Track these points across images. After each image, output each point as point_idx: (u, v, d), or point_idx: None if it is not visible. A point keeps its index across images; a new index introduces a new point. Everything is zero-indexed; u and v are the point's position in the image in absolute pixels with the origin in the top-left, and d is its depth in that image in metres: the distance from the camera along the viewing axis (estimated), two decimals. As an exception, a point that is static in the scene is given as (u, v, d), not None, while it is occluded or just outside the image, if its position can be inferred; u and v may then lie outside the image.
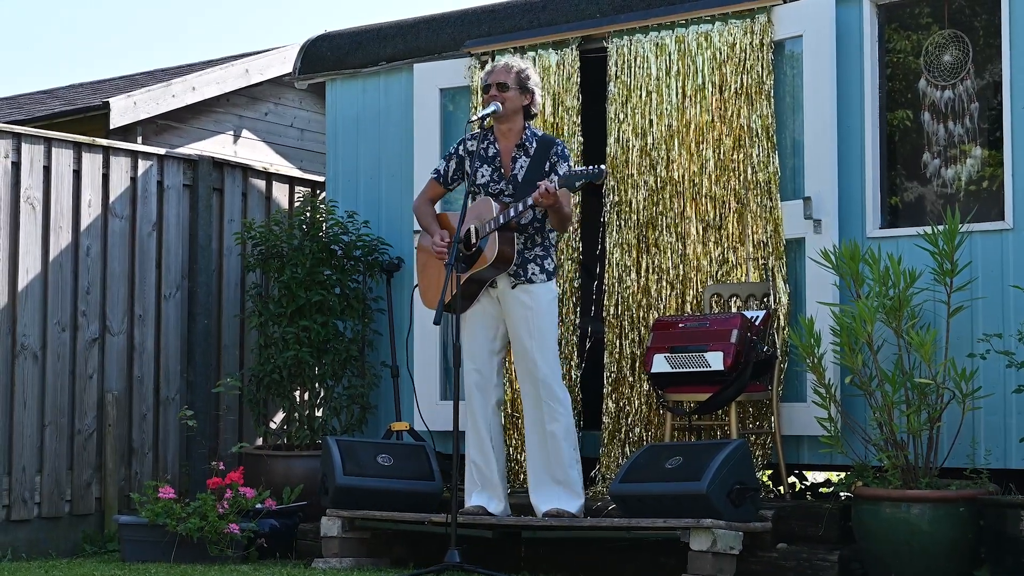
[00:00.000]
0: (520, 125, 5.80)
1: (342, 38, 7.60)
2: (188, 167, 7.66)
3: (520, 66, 5.79)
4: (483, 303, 5.76)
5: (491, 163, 5.78)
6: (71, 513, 6.98)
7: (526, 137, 5.78)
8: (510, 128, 5.78)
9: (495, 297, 5.76)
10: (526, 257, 5.72)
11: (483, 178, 5.77)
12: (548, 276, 5.74)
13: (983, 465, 5.50)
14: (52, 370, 6.93)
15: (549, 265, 5.76)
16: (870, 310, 5.34)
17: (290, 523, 6.53)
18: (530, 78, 5.79)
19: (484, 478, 5.81)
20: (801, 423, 5.96)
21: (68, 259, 7.05)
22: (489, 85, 5.76)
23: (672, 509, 5.25)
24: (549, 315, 5.73)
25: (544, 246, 5.76)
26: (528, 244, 5.73)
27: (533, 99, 5.80)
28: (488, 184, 5.76)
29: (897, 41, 6.15)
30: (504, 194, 5.72)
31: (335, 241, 7.15)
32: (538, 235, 5.75)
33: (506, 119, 5.76)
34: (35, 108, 9.43)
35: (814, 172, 6.05)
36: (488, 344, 5.78)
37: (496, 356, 5.81)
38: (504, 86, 5.73)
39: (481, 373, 5.78)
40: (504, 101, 5.72)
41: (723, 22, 6.28)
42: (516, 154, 5.77)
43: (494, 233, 5.62)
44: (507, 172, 5.76)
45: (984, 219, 5.76)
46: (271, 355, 7.07)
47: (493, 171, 5.77)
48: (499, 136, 5.81)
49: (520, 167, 5.74)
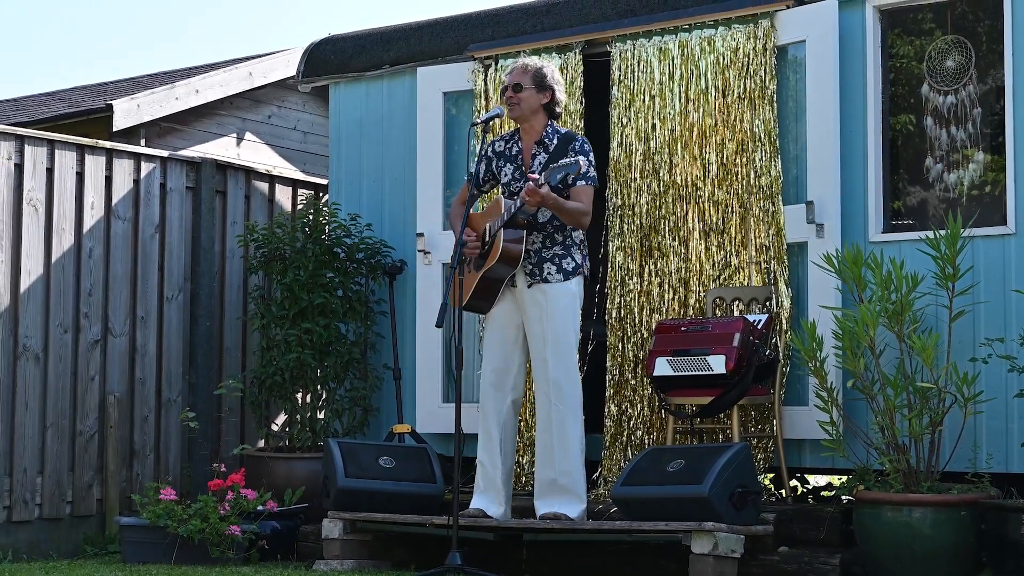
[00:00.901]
0: (542, 124, 5.80)
1: (346, 41, 7.61)
2: (191, 169, 7.67)
3: (537, 65, 5.80)
4: (505, 302, 5.75)
5: (514, 161, 5.81)
6: (72, 514, 6.98)
7: (547, 134, 5.79)
8: (531, 126, 5.80)
9: (514, 297, 5.76)
10: (543, 256, 5.70)
11: (506, 177, 5.81)
12: (566, 276, 5.70)
13: (985, 469, 5.51)
14: (54, 371, 6.94)
15: (568, 264, 5.72)
16: (872, 314, 5.34)
17: (291, 525, 6.54)
18: (548, 76, 5.78)
19: (488, 479, 5.79)
20: (803, 427, 5.96)
21: (70, 261, 7.06)
22: (506, 87, 5.80)
23: (674, 512, 5.25)
24: (565, 315, 5.67)
25: (564, 245, 5.72)
26: (547, 243, 5.71)
27: (554, 97, 5.78)
28: (511, 183, 5.79)
29: (900, 46, 6.16)
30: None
31: (338, 244, 7.16)
32: (557, 233, 5.73)
33: (525, 118, 5.78)
34: (38, 110, 9.44)
35: (817, 176, 6.06)
36: (506, 344, 5.75)
37: (515, 357, 5.77)
38: (519, 87, 5.75)
39: (497, 373, 5.76)
40: (520, 102, 5.73)
41: (726, 27, 6.29)
42: (536, 151, 5.78)
43: (500, 231, 5.63)
44: (527, 169, 5.77)
45: (986, 224, 5.77)
46: (273, 357, 7.08)
47: (515, 169, 5.80)
48: (523, 135, 5.84)
49: (539, 163, 5.74)
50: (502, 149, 5.87)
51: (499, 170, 5.84)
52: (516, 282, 5.72)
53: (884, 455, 5.39)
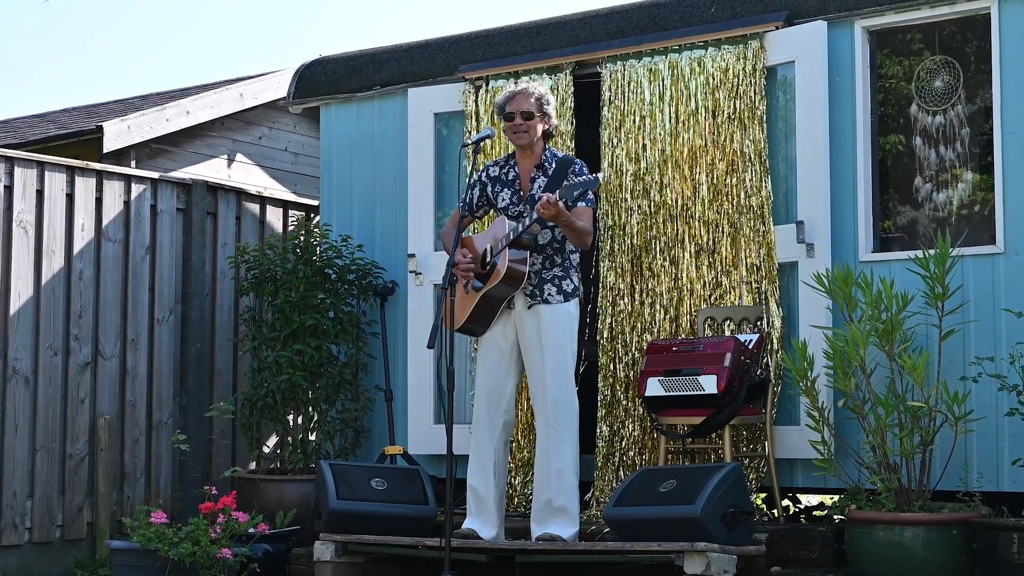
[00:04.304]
0: (540, 147, 5.80)
1: (336, 63, 7.62)
2: (182, 191, 7.67)
3: (540, 91, 5.78)
4: (501, 325, 5.74)
5: (511, 186, 5.80)
6: (62, 538, 6.96)
7: (545, 158, 5.79)
8: (531, 151, 5.79)
9: (512, 319, 5.75)
10: (543, 277, 5.70)
11: (503, 201, 5.80)
12: (566, 297, 5.70)
13: (976, 488, 5.51)
14: (44, 394, 6.92)
15: (568, 286, 5.72)
16: (863, 333, 5.35)
17: (283, 547, 6.51)
18: (549, 103, 5.79)
19: (480, 503, 5.78)
20: (795, 446, 5.96)
21: (61, 283, 7.05)
22: (513, 113, 5.72)
23: (666, 533, 5.25)
24: (564, 336, 5.66)
25: (563, 267, 5.73)
26: (547, 264, 5.72)
27: (550, 120, 5.82)
28: (508, 207, 5.78)
29: (889, 67, 6.19)
30: (524, 215, 5.72)
31: (329, 265, 7.16)
32: (557, 255, 5.73)
33: (531, 145, 5.76)
34: (29, 132, 9.44)
35: (807, 196, 6.08)
36: (502, 367, 5.75)
37: (509, 380, 5.77)
38: (530, 115, 5.72)
39: (491, 395, 5.75)
40: (529, 129, 5.71)
41: (716, 48, 6.32)
42: (535, 174, 5.78)
43: (505, 250, 5.63)
44: (525, 193, 5.76)
45: (975, 243, 5.79)
46: (265, 379, 7.06)
47: (512, 193, 5.79)
48: (520, 159, 5.82)
49: (538, 187, 5.73)
50: (497, 174, 5.87)
51: (495, 195, 5.84)
52: (514, 304, 5.72)
53: (876, 474, 5.39)
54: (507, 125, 5.75)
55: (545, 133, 5.80)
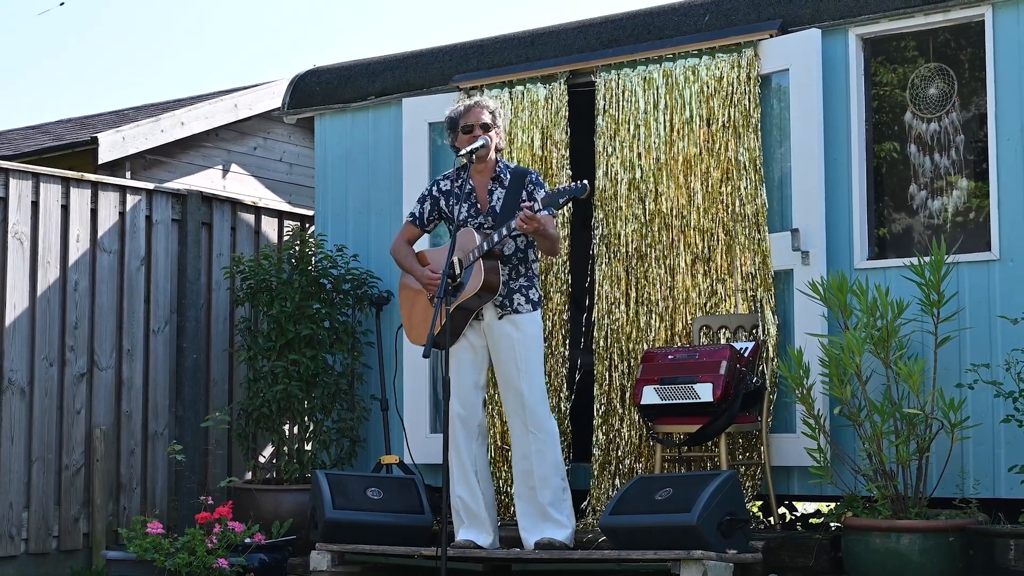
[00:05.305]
0: (494, 159, 5.85)
1: (331, 73, 7.63)
2: (177, 202, 7.67)
3: (492, 105, 5.89)
4: (469, 337, 5.78)
5: (467, 199, 5.82)
6: (59, 549, 6.94)
7: (500, 170, 5.85)
8: (486, 165, 5.83)
9: (481, 330, 5.77)
10: (511, 288, 5.74)
11: (461, 215, 5.81)
12: (534, 306, 5.77)
13: (972, 495, 5.51)
14: (39, 405, 6.91)
15: (534, 295, 5.79)
16: (858, 341, 5.35)
17: (279, 557, 6.50)
18: (501, 115, 5.90)
19: (471, 513, 5.79)
20: (790, 454, 5.96)
21: (56, 294, 7.04)
22: (472, 126, 5.79)
23: (663, 541, 5.24)
24: (536, 345, 5.75)
25: (528, 276, 5.79)
26: (512, 275, 5.76)
27: (501, 134, 5.90)
28: (467, 220, 5.80)
29: (883, 74, 6.20)
30: (484, 227, 5.76)
31: (324, 275, 7.16)
32: (522, 265, 5.78)
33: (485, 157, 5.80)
34: (23, 143, 9.44)
35: (802, 204, 6.08)
36: (473, 378, 5.79)
37: (480, 391, 5.83)
38: (488, 126, 5.79)
39: (464, 407, 5.79)
40: (490, 139, 5.78)
41: (710, 56, 6.33)
42: (492, 187, 5.82)
43: (478, 262, 5.65)
44: (484, 206, 5.80)
45: (971, 250, 5.79)
46: (260, 389, 7.06)
47: (470, 207, 5.81)
48: (474, 173, 5.84)
49: (497, 199, 5.79)
50: (449, 188, 5.91)
51: (450, 209, 5.87)
52: (483, 315, 5.74)
53: (872, 481, 5.39)
54: (466, 138, 5.79)
55: (497, 146, 5.84)
